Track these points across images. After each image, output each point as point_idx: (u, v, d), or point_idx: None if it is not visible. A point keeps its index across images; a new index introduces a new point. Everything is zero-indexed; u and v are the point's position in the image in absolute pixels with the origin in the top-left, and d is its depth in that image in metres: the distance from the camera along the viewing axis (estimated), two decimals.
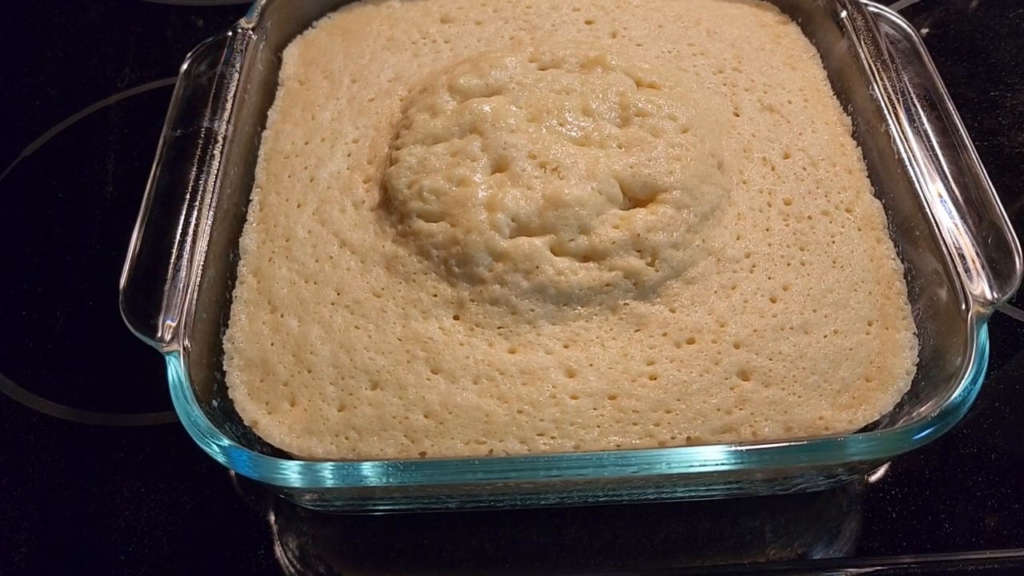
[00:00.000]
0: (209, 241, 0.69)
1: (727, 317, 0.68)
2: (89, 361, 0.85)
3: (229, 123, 0.77)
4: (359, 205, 0.75)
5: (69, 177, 1.01)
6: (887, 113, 0.75)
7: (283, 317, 0.70)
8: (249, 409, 0.67)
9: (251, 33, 0.84)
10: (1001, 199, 0.68)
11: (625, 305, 0.68)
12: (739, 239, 0.71)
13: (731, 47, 0.86)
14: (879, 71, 0.78)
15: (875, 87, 0.77)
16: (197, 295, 0.66)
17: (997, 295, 0.63)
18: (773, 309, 0.68)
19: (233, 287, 0.73)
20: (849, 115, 0.81)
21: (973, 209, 0.68)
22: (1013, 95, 1.03)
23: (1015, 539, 0.70)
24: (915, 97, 0.76)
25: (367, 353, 0.67)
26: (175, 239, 0.69)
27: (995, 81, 1.05)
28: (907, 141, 0.73)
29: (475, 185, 0.70)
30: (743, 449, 0.58)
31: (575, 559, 0.71)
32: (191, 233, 0.69)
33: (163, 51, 1.15)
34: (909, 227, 0.71)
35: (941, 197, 0.69)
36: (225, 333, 0.70)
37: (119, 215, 0.96)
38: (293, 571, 0.71)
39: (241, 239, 0.76)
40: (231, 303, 0.72)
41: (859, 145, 0.79)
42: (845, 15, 0.83)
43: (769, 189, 0.75)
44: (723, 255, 0.70)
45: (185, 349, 0.63)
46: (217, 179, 0.73)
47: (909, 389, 0.66)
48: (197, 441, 0.59)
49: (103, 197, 0.99)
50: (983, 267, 0.65)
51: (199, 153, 0.74)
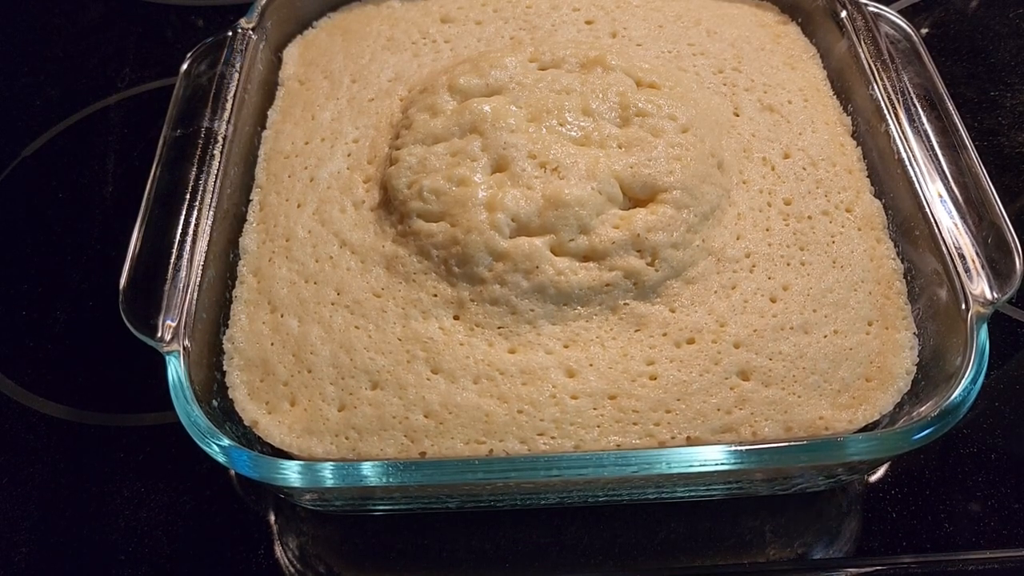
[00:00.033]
0: (209, 241, 0.69)
1: (727, 317, 0.68)
2: (89, 361, 0.85)
3: (229, 123, 0.77)
4: (359, 205, 0.75)
5: (69, 177, 1.01)
6: (887, 113, 0.75)
7: (283, 317, 0.70)
8: (249, 409, 0.67)
9: (251, 33, 0.84)
10: (1001, 199, 0.68)
11: (625, 305, 0.68)
12: (739, 239, 0.71)
13: (731, 47, 0.86)
14: (879, 71, 0.78)
15: (875, 87, 0.77)
16: (197, 295, 0.66)
17: (997, 295, 0.63)
18: (773, 309, 0.68)
19: (233, 287, 0.73)
20: (849, 115, 0.81)
21: (973, 209, 0.68)
22: (1013, 95, 1.03)
23: (1015, 539, 0.70)
24: (915, 97, 0.76)
25: (367, 353, 0.67)
26: (175, 239, 0.69)
27: (995, 81, 1.05)
28: (907, 141, 0.73)
29: (475, 185, 0.70)
30: (743, 449, 0.58)
31: (575, 559, 0.71)
32: (191, 233, 0.69)
33: (163, 51, 1.15)
34: (909, 227, 0.71)
35: (941, 197, 0.69)
36: (225, 333, 0.70)
37: (119, 215, 0.96)
38: (293, 571, 0.71)
39: (241, 239, 0.76)
40: (231, 303, 0.72)
41: (859, 145, 0.79)
42: (845, 15, 0.83)
43: (769, 189, 0.75)
44: (723, 255, 0.70)
45: (185, 349, 0.63)
46: (217, 179, 0.73)
47: (909, 389, 0.66)
48: (197, 441, 0.59)
49: (103, 197, 0.99)
50: (983, 267, 0.65)
51: (199, 153, 0.74)
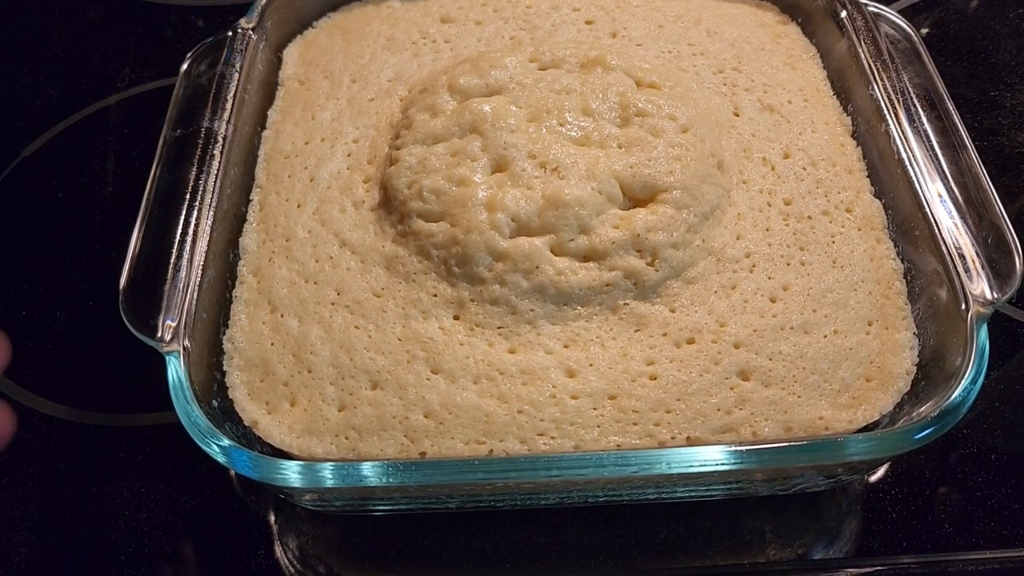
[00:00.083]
0: (209, 241, 0.69)
1: (727, 317, 0.68)
2: (89, 361, 0.85)
3: (229, 123, 0.77)
4: (359, 205, 0.75)
5: (69, 177, 1.01)
6: (887, 113, 0.75)
7: (283, 317, 0.70)
8: (249, 409, 0.67)
9: (251, 33, 0.84)
10: (1001, 199, 0.68)
11: (625, 305, 0.68)
12: (739, 239, 0.71)
13: (731, 47, 0.86)
14: (879, 71, 0.78)
15: (875, 87, 0.77)
16: (197, 295, 0.66)
17: (997, 295, 0.63)
18: (773, 309, 0.68)
19: (233, 287, 0.73)
20: (849, 115, 0.81)
21: (973, 209, 0.68)
22: (1013, 95, 1.03)
23: (1015, 539, 0.70)
24: (915, 97, 0.76)
25: (367, 353, 0.67)
26: (175, 239, 0.68)
27: (995, 81, 1.05)
28: (907, 141, 0.73)
29: (475, 185, 0.70)
30: (743, 449, 0.58)
31: (575, 559, 0.71)
32: (191, 233, 0.69)
33: (163, 51, 1.15)
34: (909, 227, 0.71)
35: (941, 197, 0.69)
36: (225, 333, 0.70)
37: (119, 215, 0.96)
38: (293, 571, 0.71)
39: (241, 239, 0.76)
40: (231, 303, 0.72)
41: (859, 145, 0.79)
42: (845, 15, 0.83)
43: (769, 189, 0.75)
44: (723, 255, 0.70)
45: (185, 349, 0.63)
46: (217, 179, 0.73)
47: (909, 389, 0.66)
48: (197, 441, 0.59)
49: (103, 197, 0.99)
50: (983, 267, 0.65)
51: (199, 153, 0.74)
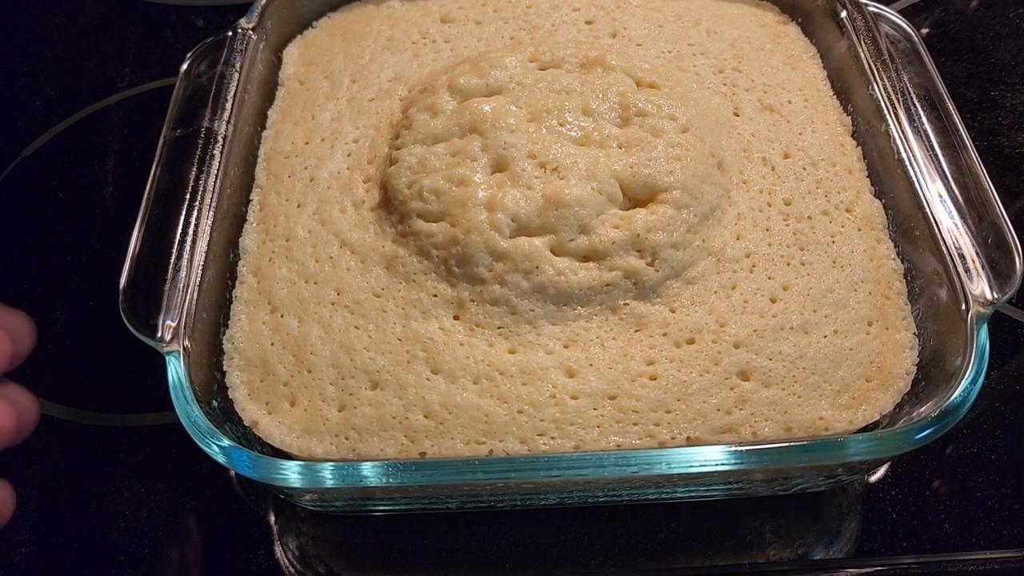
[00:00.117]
0: (209, 241, 0.69)
1: (727, 317, 0.68)
2: (89, 361, 0.85)
3: (229, 123, 0.77)
4: (359, 205, 0.75)
5: (69, 177, 1.01)
6: (887, 113, 0.75)
7: (283, 317, 0.70)
8: (249, 409, 0.67)
9: (251, 33, 0.84)
10: (1001, 199, 0.68)
11: (625, 305, 0.68)
12: (739, 239, 0.71)
13: (731, 47, 0.86)
14: (879, 71, 0.78)
15: (875, 87, 0.77)
16: (197, 295, 0.66)
17: (997, 295, 0.63)
18: (773, 309, 0.68)
19: (233, 287, 0.73)
20: (849, 115, 0.81)
21: (973, 209, 0.68)
22: (1013, 95, 1.03)
23: (1015, 539, 0.70)
24: (915, 97, 0.75)
25: (367, 353, 0.67)
26: (175, 239, 0.68)
27: (995, 81, 1.05)
28: (907, 141, 0.73)
29: (475, 185, 0.70)
30: (743, 449, 0.58)
31: (575, 559, 0.71)
32: (191, 233, 0.69)
33: (163, 51, 1.15)
34: (909, 227, 0.71)
35: (941, 197, 0.69)
36: (225, 333, 0.70)
37: (119, 215, 0.96)
38: (293, 571, 0.71)
39: (241, 239, 0.76)
40: (231, 303, 0.72)
41: (859, 145, 0.79)
42: (845, 15, 0.83)
43: (769, 189, 0.75)
44: (723, 255, 0.70)
45: (185, 349, 0.63)
46: (217, 179, 0.73)
47: (909, 389, 0.66)
48: (197, 441, 0.59)
49: (103, 197, 0.99)
50: (983, 267, 0.65)
51: (199, 153, 0.74)
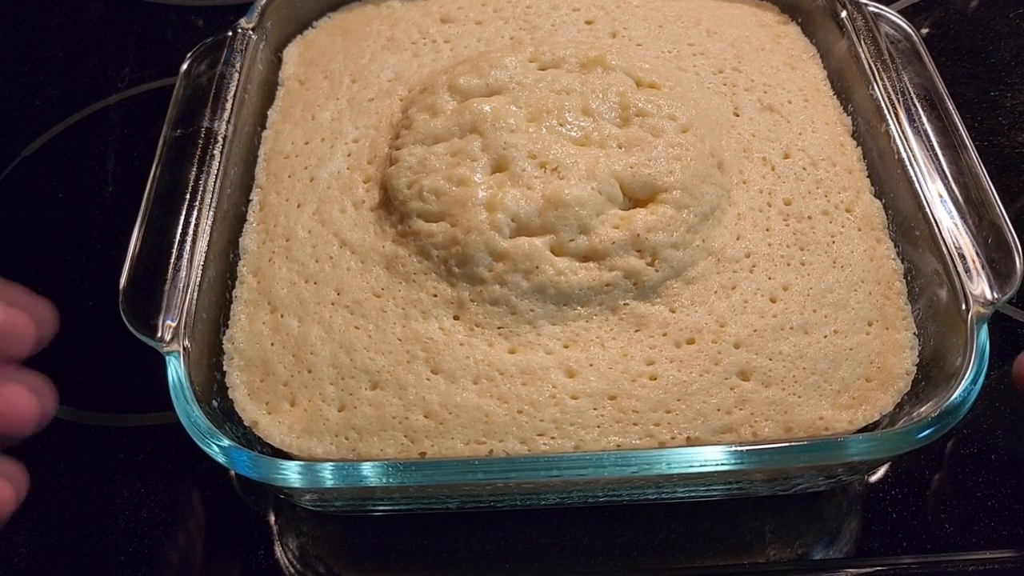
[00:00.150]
0: (209, 241, 0.69)
1: (727, 317, 0.68)
2: (89, 361, 0.85)
3: (229, 123, 0.77)
4: (359, 205, 0.75)
5: (69, 177, 1.01)
6: (887, 113, 0.75)
7: (283, 317, 0.70)
8: (249, 409, 0.67)
9: (251, 33, 0.84)
10: (1001, 199, 0.68)
11: (625, 305, 0.68)
12: (739, 239, 0.71)
13: (731, 47, 0.86)
14: (879, 71, 0.78)
15: (875, 87, 0.77)
16: (197, 295, 0.66)
17: (997, 295, 0.63)
18: (773, 309, 0.68)
19: (233, 287, 0.73)
20: (849, 115, 0.81)
21: (973, 209, 0.68)
22: (1013, 95, 1.03)
23: (1015, 539, 0.70)
24: (915, 97, 0.75)
25: (367, 353, 0.67)
26: (175, 239, 0.68)
27: (995, 81, 1.05)
28: (907, 141, 0.73)
29: (475, 185, 0.70)
30: (743, 449, 0.58)
31: (575, 559, 0.71)
32: (191, 233, 0.69)
33: (163, 51, 1.15)
34: (909, 227, 0.71)
35: (941, 197, 0.69)
36: (225, 333, 0.70)
37: (119, 215, 0.96)
38: (293, 571, 0.71)
39: (241, 239, 0.76)
40: (231, 303, 0.72)
41: (859, 145, 0.79)
42: (845, 15, 0.83)
43: (769, 189, 0.75)
44: (723, 255, 0.70)
45: (185, 349, 0.63)
46: (217, 179, 0.73)
47: (909, 389, 0.66)
48: (197, 441, 0.59)
49: (103, 197, 0.99)
50: (983, 267, 0.65)
51: (199, 153, 0.74)
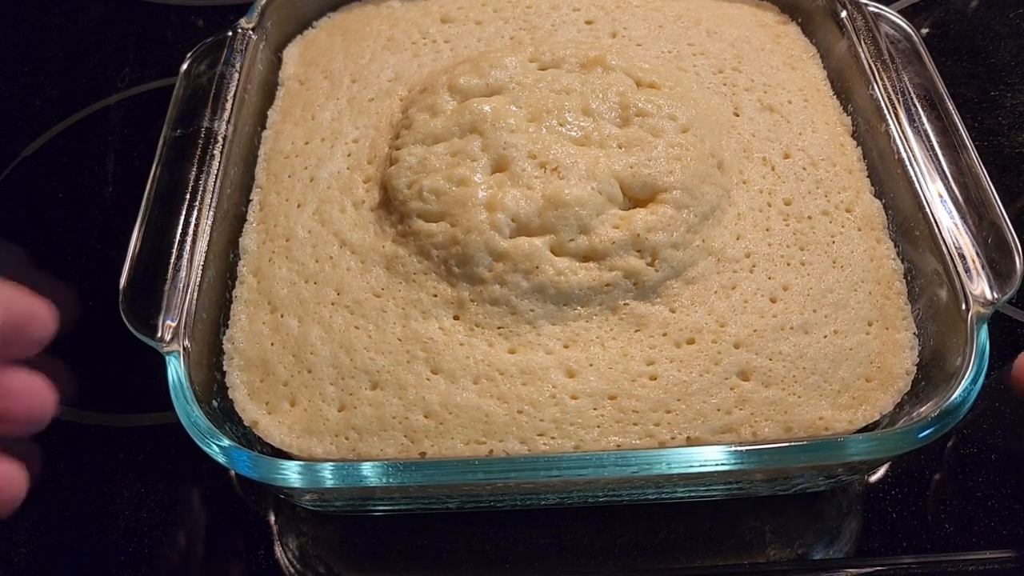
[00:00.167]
0: (209, 241, 0.69)
1: (727, 317, 0.68)
2: (89, 361, 0.85)
3: (229, 123, 0.77)
4: (359, 205, 0.75)
5: (69, 177, 1.01)
6: (887, 113, 0.75)
7: (283, 317, 0.70)
8: (249, 409, 0.67)
9: (251, 33, 0.84)
10: (1001, 199, 0.68)
11: (625, 305, 0.68)
12: (739, 239, 0.71)
13: (731, 47, 0.86)
14: (879, 71, 0.78)
15: (875, 87, 0.77)
16: (197, 295, 0.66)
17: (997, 295, 0.63)
18: (773, 309, 0.68)
19: (233, 287, 0.73)
20: (849, 115, 0.81)
21: (973, 209, 0.68)
22: (1013, 95, 1.03)
23: (1016, 539, 0.70)
24: (915, 97, 0.75)
25: (367, 353, 0.67)
26: (175, 239, 0.68)
27: (995, 81, 1.05)
28: (907, 141, 0.73)
29: (475, 185, 0.70)
30: (743, 449, 0.58)
31: (575, 559, 0.71)
32: (191, 233, 0.69)
33: (163, 51, 1.15)
34: (909, 227, 0.71)
35: (941, 197, 0.69)
36: (225, 333, 0.70)
37: (119, 215, 0.96)
38: (293, 571, 0.71)
39: (241, 239, 0.76)
40: (231, 303, 0.72)
41: (859, 145, 0.79)
42: (845, 15, 0.83)
43: (769, 189, 0.75)
44: (723, 255, 0.70)
45: (185, 349, 0.63)
46: (217, 179, 0.73)
47: (909, 389, 0.66)
48: (197, 441, 0.59)
49: (103, 197, 0.98)
50: (983, 267, 0.65)
51: (199, 153, 0.74)
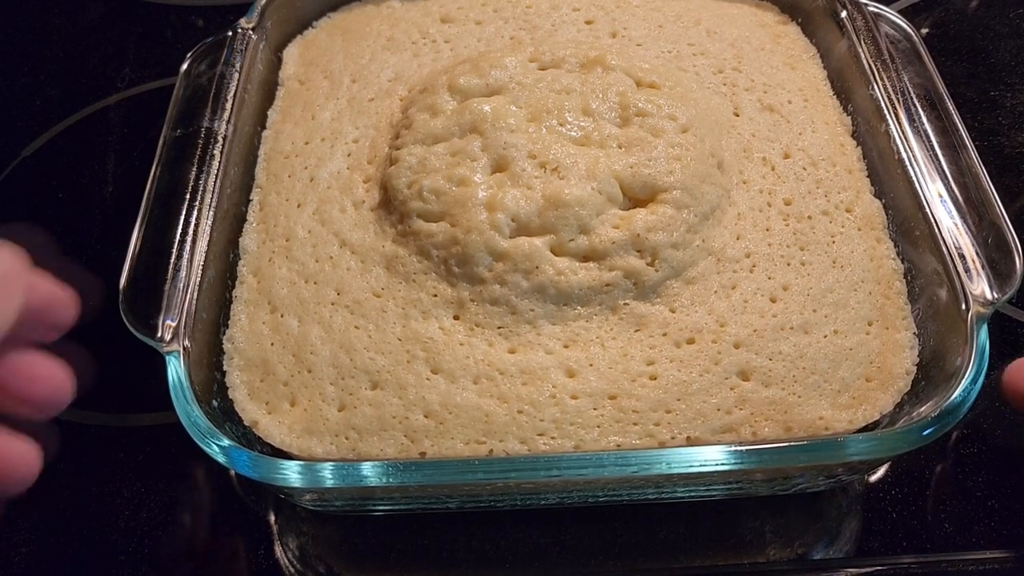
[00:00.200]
0: (209, 241, 0.69)
1: (727, 317, 0.68)
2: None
3: (229, 123, 0.77)
4: (359, 205, 0.75)
5: (69, 177, 1.01)
6: (887, 113, 0.75)
7: (283, 317, 0.70)
8: (249, 409, 0.67)
9: (251, 33, 0.84)
10: (1001, 199, 0.68)
11: (625, 305, 0.68)
12: (739, 239, 0.71)
13: (731, 47, 0.86)
14: (879, 71, 0.78)
15: (875, 87, 0.77)
16: (197, 295, 0.66)
17: (997, 295, 0.63)
18: (773, 309, 0.68)
19: (233, 287, 0.73)
20: (849, 115, 0.81)
21: (973, 209, 0.68)
22: (1013, 95, 1.03)
23: (1016, 539, 0.70)
24: (915, 97, 0.75)
25: (367, 353, 0.67)
26: (175, 239, 0.68)
27: (995, 81, 1.05)
28: (907, 141, 0.73)
29: (475, 185, 0.70)
30: (743, 449, 0.58)
31: (575, 559, 0.71)
32: (191, 233, 0.69)
33: (163, 51, 1.15)
34: (909, 227, 0.71)
35: (941, 197, 0.69)
36: (225, 333, 0.70)
37: (119, 215, 0.96)
38: (293, 571, 0.71)
39: (241, 239, 0.76)
40: (231, 303, 0.72)
41: (859, 145, 0.79)
42: (845, 15, 0.83)
43: (769, 189, 0.75)
44: (723, 255, 0.70)
45: (185, 349, 0.63)
46: (217, 179, 0.73)
47: (909, 389, 0.66)
48: (197, 441, 0.59)
49: (103, 197, 0.98)
50: (983, 267, 0.65)
51: (199, 153, 0.74)
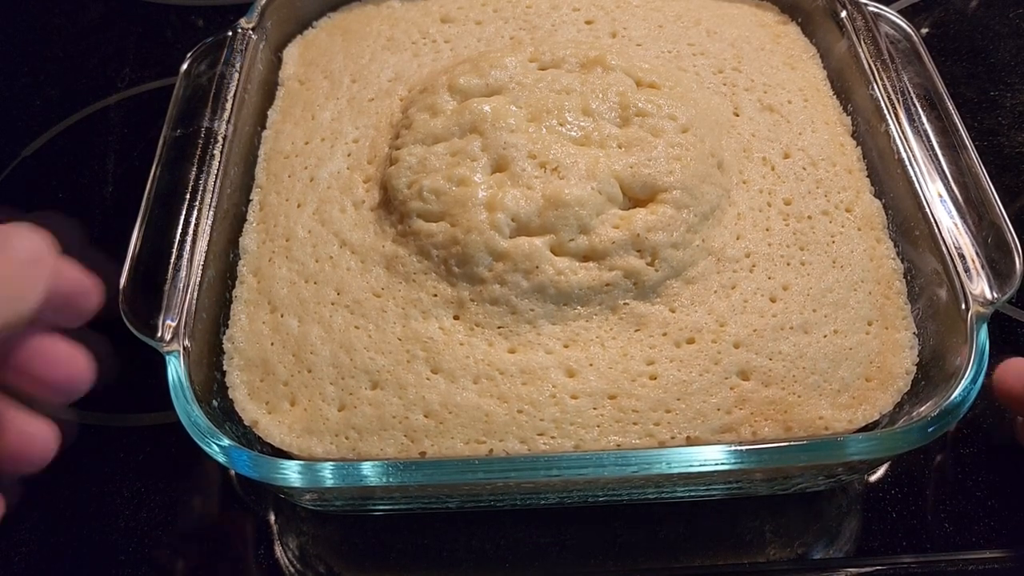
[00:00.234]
0: (209, 241, 0.69)
1: (727, 317, 0.68)
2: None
3: (229, 123, 0.77)
4: (359, 205, 0.75)
5: (69, 177, 1.01)
6: (887, 113, 0.75)
7: (283, 317, 0.70)
8: (249, 409, 0.67)
9: (251, 33, 0.84)
10: (1001, 199, 0.68)
11: (625, 305, 0.68)
12: (739, 239, 0.71)
13: (731, 47, 0.86)
14: (879, 71, 0.78)
15: (875, 87, 0.77)
16: (197, 295, 0.66)
17: (997, 295, 0.63)
18: (773, 309, 0.68)
19: (233, 287, 0.73)
20: (849, 115, 0.81)
21: (973, 209, 0.68)
22: (1013, 95, 1.03)
23: (1016, 539, 0.70)
24: (915, 97, 0.75)
25: (367, 353, 0.67)
26: (175, 239, 0.68)
27: (995, 81, 1.05)
28: (907, 141, 0.73)
29: (475, 185, 0.70)
30: (743, 449, 0.58)
31: (575, 559, 0.71)
32: (191, 233, 0.69)
33: (163, 51, 1.15)
34: (909, 227, 0.71)
35: (941, 197, 0.69)
36: (225, 333, 0.70)
37: (119, 215, 0.96)
38: (293, 571, 0.71)
39: (241, 239, 0.76)
40: (231, 303, 0.72)
41: (859, 145, 0.79)
42: (845, 15, 0.83)
43: (769, 189, 0.75)
44: (723, 255, 0.70)
45: (185, 349, 0.63)
46: (217, 179, 0.73)
47: (909, 389, 0.66)
48: (197, 441, 0.59)
49: (103, 197, 0.98)
50: (983, 267, 0.65)
51: (199, 153, 0.74)
